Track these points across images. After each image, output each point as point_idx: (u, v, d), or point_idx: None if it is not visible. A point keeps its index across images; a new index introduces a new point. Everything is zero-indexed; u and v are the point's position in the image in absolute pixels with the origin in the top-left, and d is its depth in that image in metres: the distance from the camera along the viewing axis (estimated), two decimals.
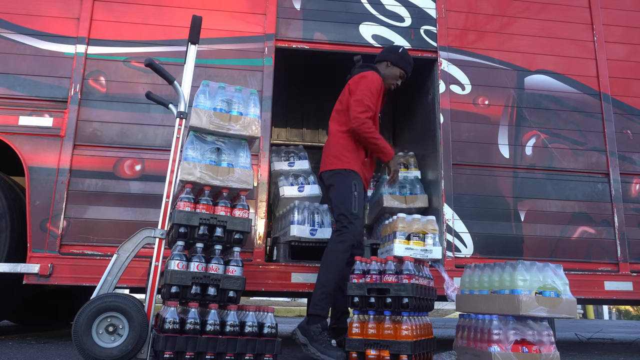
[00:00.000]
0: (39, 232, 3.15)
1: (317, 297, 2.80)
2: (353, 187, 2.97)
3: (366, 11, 3.82)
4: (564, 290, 2.38)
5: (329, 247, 2.92)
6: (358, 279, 2.71)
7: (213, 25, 3.59)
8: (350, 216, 2.91)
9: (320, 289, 2.81)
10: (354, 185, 2.98)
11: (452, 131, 3.68)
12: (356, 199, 2.95)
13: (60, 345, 3.19)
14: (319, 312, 2.75)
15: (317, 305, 2.77)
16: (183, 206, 2.40)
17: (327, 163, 3.13)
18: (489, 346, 2.34)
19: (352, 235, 2.89)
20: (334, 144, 3.13)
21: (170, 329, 2.21)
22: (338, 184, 3.02)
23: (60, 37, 3.46)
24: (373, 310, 2.59)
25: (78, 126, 3.34)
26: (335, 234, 2.96)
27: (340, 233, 2.91)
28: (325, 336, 2.64)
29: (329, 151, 3.16)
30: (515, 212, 3.62)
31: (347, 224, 2.90)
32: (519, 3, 4.00)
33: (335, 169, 3.06)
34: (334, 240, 2.92)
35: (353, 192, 2.96)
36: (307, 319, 2.78)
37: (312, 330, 2.68)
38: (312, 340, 2.65)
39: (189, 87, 2.63)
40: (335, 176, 3.05)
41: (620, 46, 4.05)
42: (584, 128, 3.84)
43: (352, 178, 3.01)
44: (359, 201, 2.96)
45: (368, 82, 3.10)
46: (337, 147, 3.10)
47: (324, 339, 2.62)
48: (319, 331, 2.66)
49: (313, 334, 2.66)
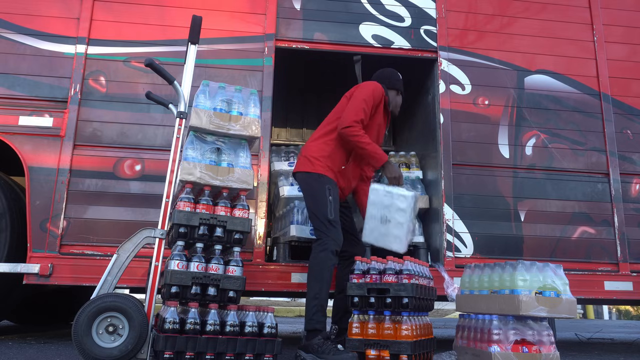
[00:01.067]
0: (39, 232, 3.15)
1: (310, 312, 2.71)
2: (327, 192, 2.90)
3: (366, 11, 3.82)
4: (564, 290, 2.38)
5: (313, 259, 2.82)
6: (358, 279, 2.70)
7: (213, 25, 3.59)
8: (327, 223, 2.84)
9: (312, 301, 2.72)
10: (327, 190, 2.91)
11: (452, 131, 3.68)
12: (331, 204, 2.88)
13: (60, 345, 3.19)
14: (315, 326, 2.68)
15: (312, 320, 2.69)
16: (183, 206, 2.40)
17: (299, 164, 3.08)
18: (489, 346, 2.34)
19: (332, 241, 2.81)
20: (311, 147, 3.07)
21: (170, 329, 2.21)
22: (312, 190, 2.95)
23: (60, 37, 3.46)
24: (373, 310, 2.59)
25: (78, 126, 3.34)
26: (316, 243, 2.86)
27: (321, 242, 2.82)
28: (330, 344, 2.58)
29: (304, 152, 3.09)
30: (515, 212, 3.62)
31: (325, 230, 2.83)
32: (519, 3, 4.00)
33: (305, 171, 3.00)
34: (316, 251, 2.82)
35: (328, 197, 2.89)
36: (306, 336, 2.70)
37: (314, 344, 2.60)
38: (318, 353, 2.57)
39: (189, 87, 2.63)
40: (307, 181, 2.99)
41: (620, 46, 4.05)
42: (584, 128, 3.84)
43: (325, 182, 2.94)
44: (334, 206, 2.89)
45: (366, 89, 3.04)
46: (313, 150, 3.04)
47: (330, 348, 2.55)
48: (321, 342, 2.59)
49: (317, 347, 2.58)
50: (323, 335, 2.65)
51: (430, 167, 3.87)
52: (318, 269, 2.77)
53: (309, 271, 2.82)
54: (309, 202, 2.96)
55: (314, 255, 2.82)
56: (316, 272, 2.77)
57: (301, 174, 3.04)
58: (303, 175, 3.03)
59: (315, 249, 2.83)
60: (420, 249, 3.62)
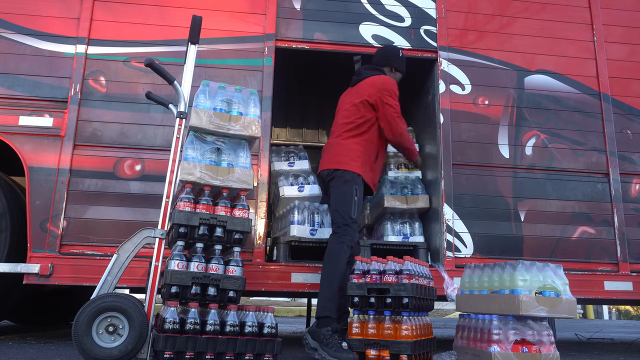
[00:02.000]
0: (39, 232, 3.15)
1: (324, 299, 2.81)
2: (354, 192, 2.99)
3: (366, 11, 3.82)
4: (564, 290, 2.38)
5: (330, 248, 2.93)
6: (358, 279, 2.71)
7: (213, 25, 3.59)
8: (349, 220, 2.94)
9: (326, 290, 2.82)
10: (355, 190, 3.00)
11: (452, 131, 3.68)
12: (356, 204, 2.98)
13: (60, 345, 3.19)
14: (327, 313, 2.76)
15: (324, 306, 2.78)
16: (183, 206, 2.40)
17: (332, 162, 3.12)
18: (489, 346, 2.33)
19: (350, 238, 2.93)
20: (343, 146, 3.13)
21: (170, 329, 2.21)
22: (341, 186, 3.03)
23: (60, 37, 3.46)
24: (373, 310, 2.59)
25: (78, 126, 3.34)
26: (333, 235, 2.97)
27: (339, 235, 2.93)
28: (336, 339, 2.62)
29: (335, 150, 3.15)
30: (515, 212, 3.62)
31: (345, 227, 2.93)
32: (518, 3, 4.00)
33: (340, 169, 3.06)
34: (334, 242, 2.94)
35: (354, 197, 2.98)
36: (317, 322, 2.77)
37: (322, 334, 2.66)
38: (322, 344, 2.63)
39: (189, 87, 2.63)
40: (339, 178, 3.05)
41: (620, 46, 4.05)
42: (584, 128, 3.84)
43: (355, 183, 3.02)
44: (358, 207, 2.99)
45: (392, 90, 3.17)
46: (346, 150, 3.10)
47: (335, 342, 2.60)
48: (329, 334, 2.65)
49: (324, 338, 2.64)
50: (333, 327, 2.70)
51: (430, 167, 3.87)
52: (334, 259, 2.87)
53: (324, 260, 2.92)
54: (335, 195, 3.04)
55: (331, 247, 2.93)
56: (332, 262, 2.87)
57: (334, 171, 3.08)
58: (336, 172, 3.07)
59: (333, 241, 2.94)
60: (420, 249, 3.61)
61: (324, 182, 3.19)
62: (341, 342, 2.61)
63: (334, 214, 3.04)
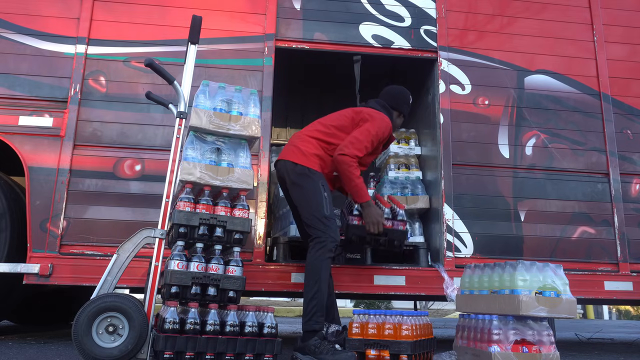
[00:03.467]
0: (39, 232, 3.15)
1: (309, 312, 2.66)
2: (322, 189, 2.85)
3: (366, 11, 3.82)
4: (564, 290, 2.38)
5: (311, 258, 2.74)
6: (359, 220, 3.00)
7: (213, 25, 3.59)
8: (324, 219, 2.78)
9: (311, 302, 2.67)
10: (322, 186, 2.86)
11: (452, 131, 3.68)
12: (326, 200, 2.83)
13: (60, 345, 3.19)
14: (313, 327, 2.63)
15: (310, 320, 2.65)
16: (183, 206, 2.40)
17: (289, 152, 2.98)
18: (489, 346, 2.33)
19: (330, 238, 2.76)
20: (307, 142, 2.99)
21: (170, 329, 2.21)
22: (306, 185, 2.87)
23: (60, 37, 3.46)
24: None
25: (78, 126, 3.34)
26: (313, 242, 2.78)
27: (319, 240, 2.75)
28: (327, 344, 2.57)
29: (296, 143, 3.00)
30: (515, 212, 3.62)
31: (322, 228, 2.77)
32: (519, 3, 4.00)
33: (300, 163, 2.90)
34: (314, 249, 2.75)
35: (323, 194, 2.83)
36: (302, 337, 2.68)
37: (312, 345, 2.58)
38: (316, 354, 2.55)
39: (189, 87, 2.62)
40: (301, 176, 2.89)
41: (620, 46, 4.05)
42: (584, 128, 3.83)
43: (320, 178, 2.89)
44: (329, 202, 2.84)
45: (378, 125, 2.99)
46: (309, 147, 2.96)
47: (328, 348, 2.54)
48: (318, 343, 2.57)
49: (315, 348, 2.56)
50: (319, 335, 2.63)
51: (430, 167, 3.87)
52: (316, 268, 2.71)
53: (306, 271, 2.76)
54: (302, 196, 2.89)
55: (311, 254, 2.75)
56: (314, 272, 2.71)
57: (292, 165, 2.93)
58: (294, 166, 2.92)
59: (313, 248, 2.76)
60: (420, 249, 3.62)
61: (282, 177, 3.02)
62: (333, 346, 2.56)
63: (304, 215, 2.86)
